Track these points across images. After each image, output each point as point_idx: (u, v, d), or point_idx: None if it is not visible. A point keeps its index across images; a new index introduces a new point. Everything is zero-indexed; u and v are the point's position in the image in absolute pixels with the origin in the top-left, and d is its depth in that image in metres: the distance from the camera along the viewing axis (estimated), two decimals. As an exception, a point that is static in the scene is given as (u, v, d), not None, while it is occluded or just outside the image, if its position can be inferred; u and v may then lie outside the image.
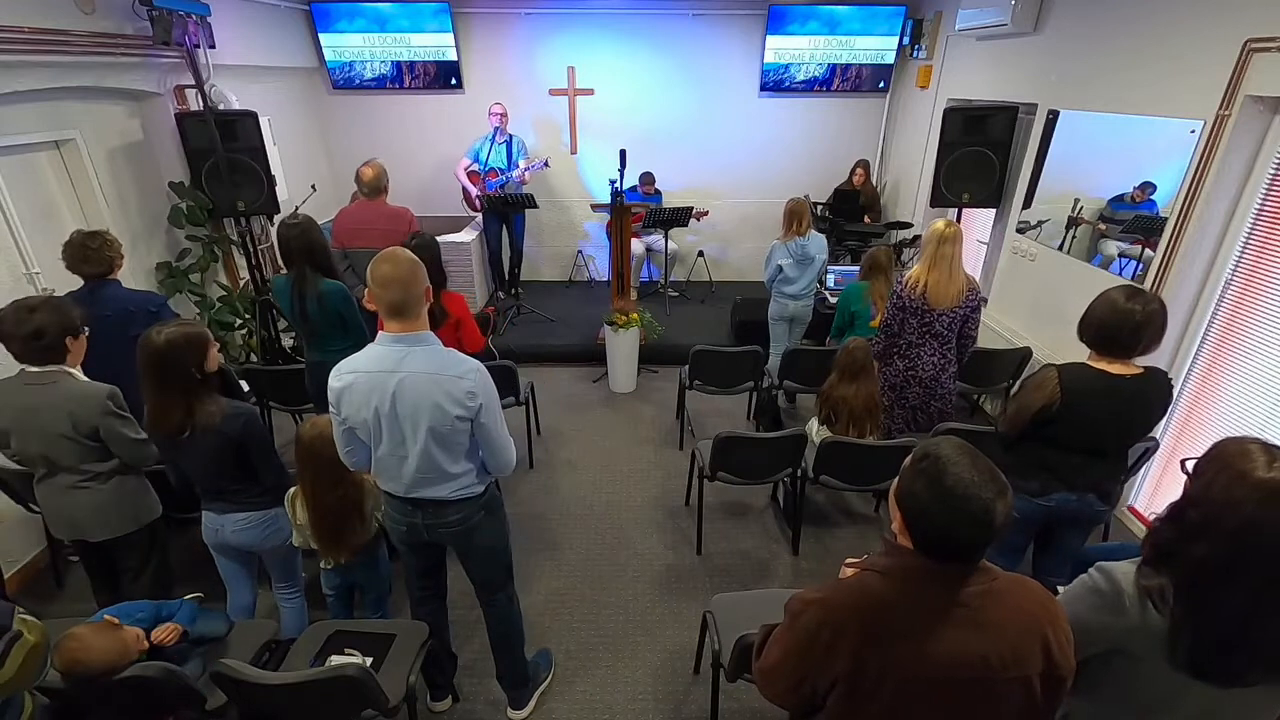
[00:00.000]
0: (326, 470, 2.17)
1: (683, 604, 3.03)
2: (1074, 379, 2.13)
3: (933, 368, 3.17)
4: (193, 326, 2.10)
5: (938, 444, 1.14)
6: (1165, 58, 3.19)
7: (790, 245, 4.22)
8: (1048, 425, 2.19)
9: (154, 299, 2.99)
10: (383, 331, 1.87)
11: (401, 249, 1.88)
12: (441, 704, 2.51)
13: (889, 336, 3.25)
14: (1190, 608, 1.16)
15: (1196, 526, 1.16)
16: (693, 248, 7.06)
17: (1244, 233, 2.90)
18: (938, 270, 3.02)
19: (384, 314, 1.84)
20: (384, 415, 1.86)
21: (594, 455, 4.22)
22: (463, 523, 2.06)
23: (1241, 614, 1.13)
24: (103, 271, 2.79)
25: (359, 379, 1.85)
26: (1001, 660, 1.10)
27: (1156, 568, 1.21)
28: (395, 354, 1.84)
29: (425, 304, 1.89)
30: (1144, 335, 2.05)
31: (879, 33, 6.13)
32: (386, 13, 6.02)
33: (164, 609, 2.08)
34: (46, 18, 3.20)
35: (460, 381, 1.84)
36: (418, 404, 1.84)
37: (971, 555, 1.12)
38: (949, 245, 3.00)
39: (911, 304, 3.08)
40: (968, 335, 3.17)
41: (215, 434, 2.09)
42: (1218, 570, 1.14)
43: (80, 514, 2.31)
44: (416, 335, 1.86)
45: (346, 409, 1.89)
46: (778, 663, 1.24)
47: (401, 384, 1.83)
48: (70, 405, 2.16)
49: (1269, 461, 1.11)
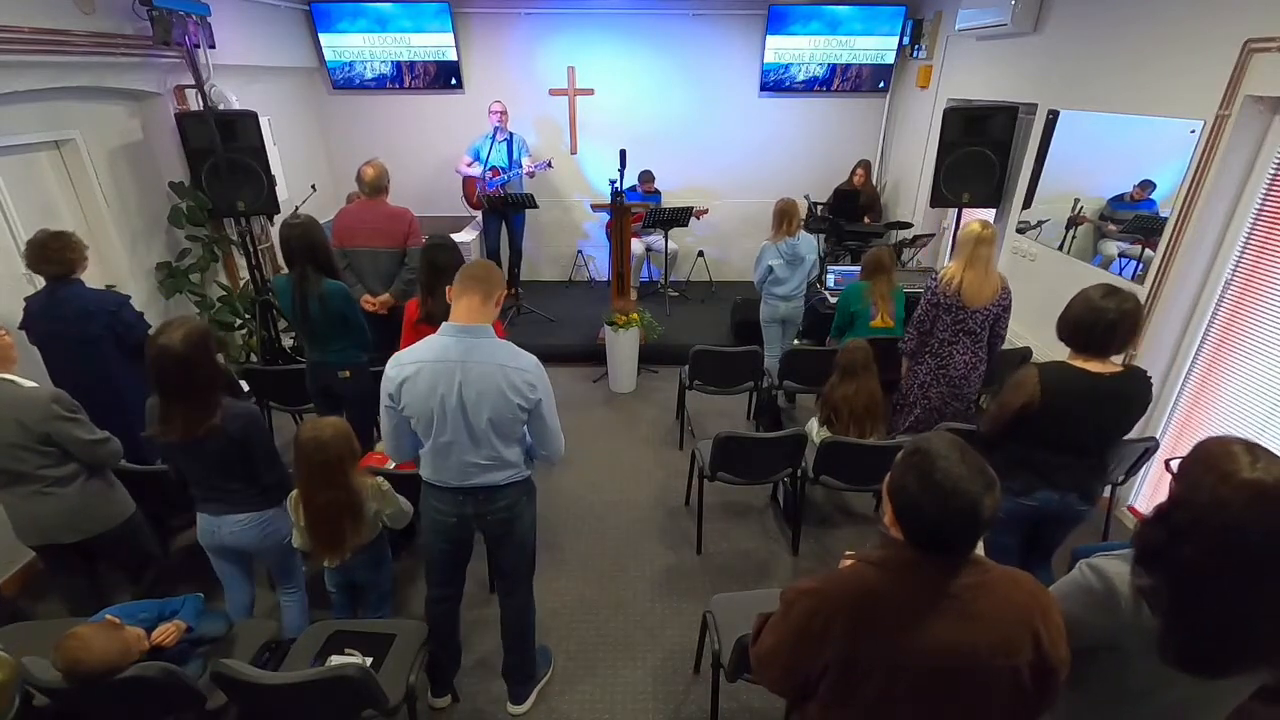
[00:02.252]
0: (319, 472, 2.16)
1: (683, 604, 3.03)
2: (1053, 378, 2.14)
3: (964, 366, 3.19)
4: (194, 320, 2.09)
5: (928, 439, 1.17)
6: (1165, 58, 3.19)
7: (780, 246, 4.22)
8: (1029, 424, 2.19)
9: (113, 298, 2.95)
10: (447, 323, 1.97)
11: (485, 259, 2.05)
12: (441, 700, 2.51)
13: (921, 333, 3.26)
14: (1181, 606, 1.17)
15: (1184, 527, 1.17)
16: (693, 248, 7.06)
17: (1244, 233, 2.90)
18: (974, 270, 3.04)
19: (466, 299, 1.97)
20: (450, 404, 1.93)
21: (594, 455, 4.22)
22: (509, 509, 2.15)
23: (1231, 610, 1.15)
24: (63, 272, 2.78)
25: (424, 368, 1.92)
26: (990, 650, 1.12)
27: (1148, 567, 1.23)
28: (462, 344, 1.93)
29: (497, 304, 2.03)
30: (1118, 334, 2.06)
31: (879, 33, 6.13)
32: (387, 13, 6.02)
33: (167, 607, 2.08)
34: (46, 18, 3.20)
35: (523, 373, 1.96)
36: (484, 392, 1.92)
37: (961, 547, 1.14)
38: (985, 246, 3.03)
39: (946, 301, 3.10)
40: (998, 335, 3.20)
41: (221, 434, 2.09)
42: (1207, 569, 1.15)
43: (47, 520, 2.31)
44: (481, 328, 1.96)
45: (407, 398, 1.95)
46: (771, 649, 1.28)
47: (469, 373, 1.91)
48: (15, 413, 2.15)
49: (1252, 462, 1.12)
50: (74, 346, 2.84)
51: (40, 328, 2.84)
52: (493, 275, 2.02)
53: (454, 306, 1.99)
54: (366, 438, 3.49)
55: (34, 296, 2.85)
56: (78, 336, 2.82)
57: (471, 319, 1.96)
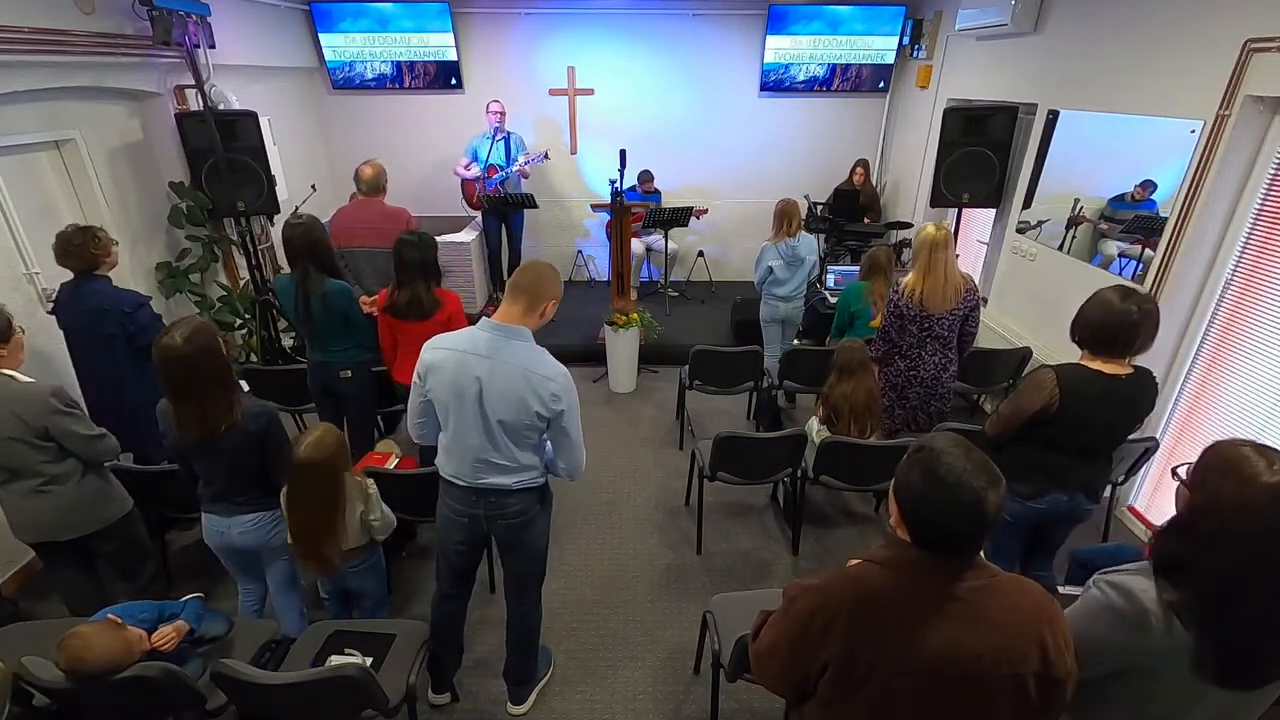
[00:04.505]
0: (303, 491, 2.13)
1: (683, 604, 3.03)
2: (1071, 380, 2.12)
3: (933, 368, 3.16)
4: (201, 321, 2.08)
5: (934, 438, 1.17)
6: (1165, 58, 3.19)
7: (780, 247, 4.22)
8: (1042, 427, 2.18)
9: (131, 298, 2.95)
10: (486, 318, 1.96)
11: (544, 263, 2.02)
12: (441, 697, 2.51)
13: (888, 343, 3.24)
14: (1215, 619, 1.14)
15: (1211, 537, 1.14)
16: (693, 248, 7.06)
17: (1244, 233, 2.90)
18: (932, 277, 2.99)
19: (512, 298, 1.95)
20: (466, 396, 1.92)
21: (594, 455, 4.15)
22: (521, 514, 2.13)
23: (1266, 619, 1.13)
24: (85, 267, 2.80)
25: (450, 356, 1.92)
26: (995, 657, 1.10)
27: (1173, 581, 1.19)
28: (494, 341, 1.92)
29: (544, 318, 2.00)
30: (1140, 335, 2.05)
31: (879, 33, 6.13)
32: (387, 13, 6.02)
33: (167, 609, 2.07)
34: (46, 18, 3.20)
35: (548, 382, 1.92)
36: (505, 393, 1.91)
37: (966, 548, 1.13)
38: (941, 251, 2.98)
39: (909, 312, 3.06)
40: (968, 333, 3.17)
41: (240, 432, 2.08)
42: (1239, 578, 1.13)
43: (44, 517, 2.31)
44: (518, 329, 1.94)
45: (432, 380, 1.95)
46: (771, 646, 1.27)
47: (493, 370, 1.90)
48: (13, 406, 2.15)
49: (1269, 465, 1.11)
50: (88, 342, 2.87)
51: (65, 319, 2.91)
52: (540, 285, 1.96)
53: (500, 308, 1.99)
54: (366, 437, 3.49)
55: (63, 286, 2.90)
56: (91, 333, 2.84)
57: (513, 318, 1.95)
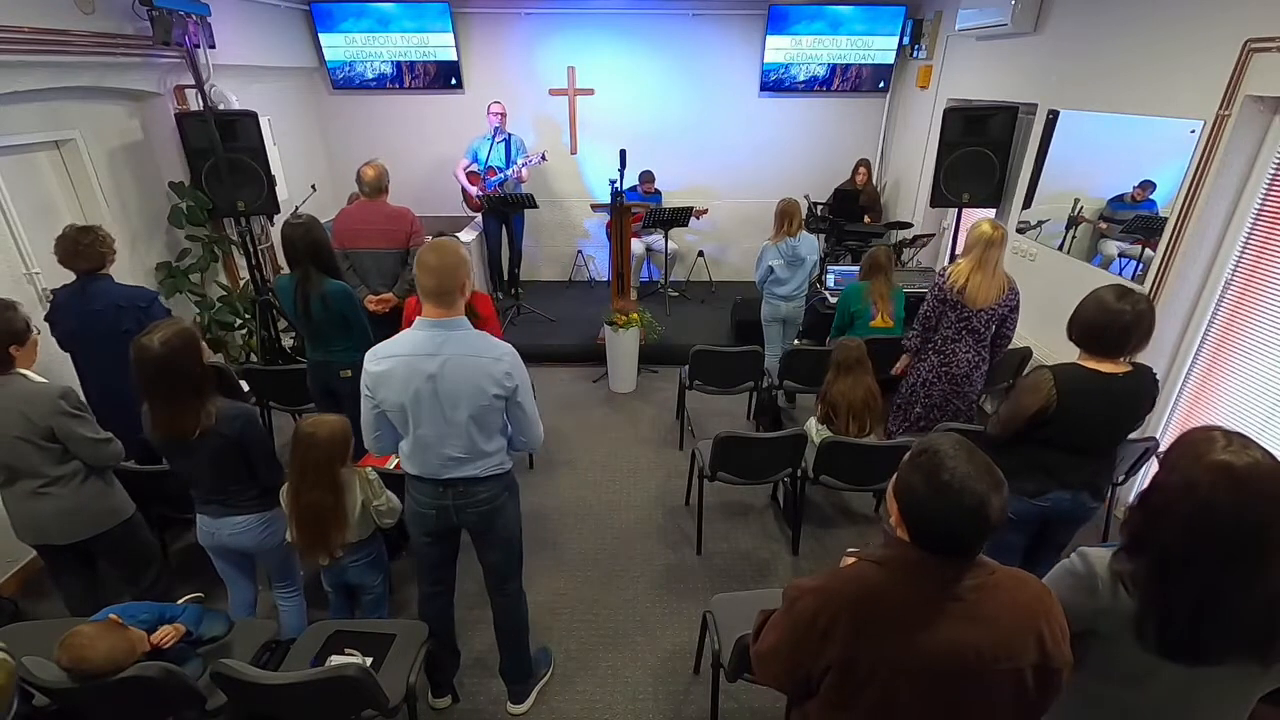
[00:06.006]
0: (310, 469, 2.17)
1: (683, 604, 3.03)
2: (1068, 380, 2.13)
3: (967, 364, 3.18)
4: (181, 324, 2.07)
5: (936, 439, 1.16)
6: (1165, 58, 3.19)
7: (781, 246, 4.22)
8: (1042, 427, 2.19)
9: (144, 294, 2.96)
10: (420, 317, 1.95)
11: (450, 239, 1.99)
12: (442, 700, 2.51)
13: (925, 329, 3.26)
14: (1156, 589, 1.19)
15: (1158, 510, 1.19)
16: (693, 248, 7.06)
17: (1244, 233, 2.90)
18: (982, 271, 3.03)
19: (425, 299, 1.94)
20: (424, 398, 1.93)
21: (594, 455, 4.22)
22: (490, 501, 2.14)
23: (1204, 593, 1.16)
24: (94, 266, 2.79)
25: (398, 364, 1.92)
26: (994, 652, 1.12)
27: (1131, 554, 1.25)
28: (435, 339, 1.92)
29: (464, 296, 1.97)
30: (1133, 336, 2.05)
31: (879, 32, 6.14)
32: (387, 12, 6.02)
33: (167, 611, 2.07)
34: (46, 18, 3.20)
35: (498, 364, 1.95)
36: (460, 386, 1.93)
37: (968, 549, 1.13)
38: (995, 249, 3.01)
39: (951, 299, 3.10)
40: (1004, 335, 3.19)
41: (215, 435, 2.09)
42: (1179, 552, 1.16)
43: (45, 519, 2.31)
44: (454, 320, 1.94)
45: (383, 393, 1.95)
46: (773, 647, 1.27)
47: (444, 367, 1.91)
48: (21, 405, 2.15)
49: (1226, 445, 1.13)
50: (103, 342, 2.80)
51: (69, 323, 2.83)
52: (446, 273, 1.88)
53: (426, 306, 1.95)
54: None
55: (62, 290, 2.84)
56: (108, 331, 2.78)
57: (443, 311, 1.93)
